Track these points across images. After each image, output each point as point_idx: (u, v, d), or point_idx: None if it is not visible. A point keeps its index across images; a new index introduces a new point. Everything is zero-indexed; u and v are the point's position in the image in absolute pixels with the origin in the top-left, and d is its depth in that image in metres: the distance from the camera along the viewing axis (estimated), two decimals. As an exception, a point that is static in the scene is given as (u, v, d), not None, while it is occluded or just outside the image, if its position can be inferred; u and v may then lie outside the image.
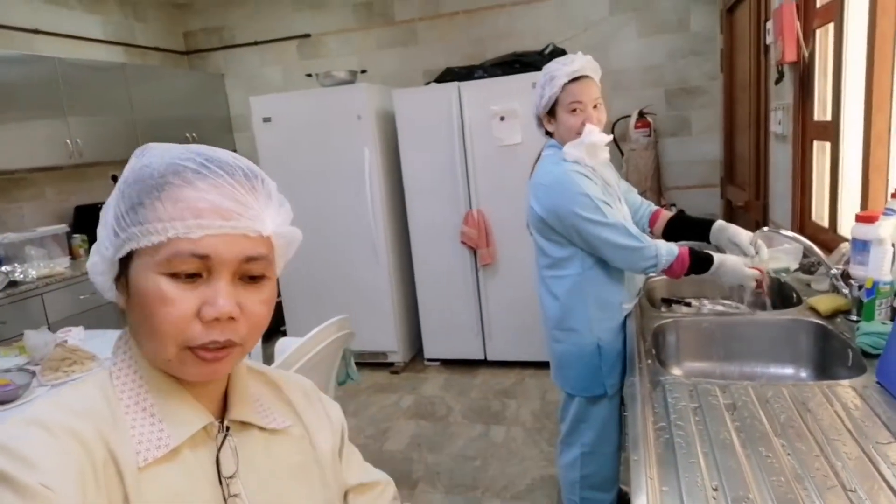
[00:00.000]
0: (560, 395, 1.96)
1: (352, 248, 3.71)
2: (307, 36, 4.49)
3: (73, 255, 3.52)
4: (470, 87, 3.39)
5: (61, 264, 3.25)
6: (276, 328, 3.72)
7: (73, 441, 0.55)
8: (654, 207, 2.03)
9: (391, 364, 3.82)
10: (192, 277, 0.58)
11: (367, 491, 0.82)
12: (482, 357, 3.72)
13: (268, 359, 1.76)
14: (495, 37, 4.11)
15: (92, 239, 3.38)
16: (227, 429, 0.66)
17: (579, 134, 1.67)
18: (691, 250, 1.68)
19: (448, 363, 3.82)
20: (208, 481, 0.63)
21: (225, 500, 0.63)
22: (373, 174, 3.56)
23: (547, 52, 3.55)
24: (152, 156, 0.61)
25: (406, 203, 3.66)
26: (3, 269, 2.87)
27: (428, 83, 3.66)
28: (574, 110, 1.67)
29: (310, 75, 3.92)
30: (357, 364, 2.34)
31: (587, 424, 1.86)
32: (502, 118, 3.34)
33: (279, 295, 3.89)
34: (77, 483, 0.53)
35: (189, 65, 4.83)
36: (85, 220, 3.71)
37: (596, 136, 1.66)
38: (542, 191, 1.72)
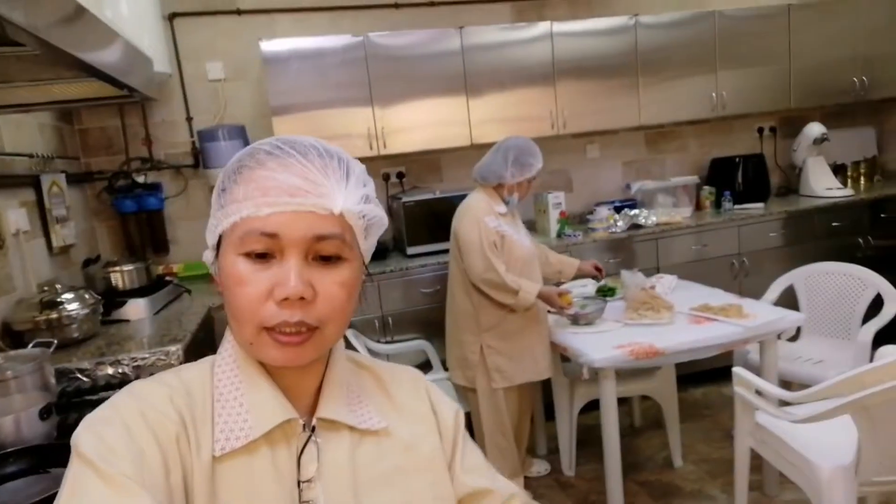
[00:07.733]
0: None
1: None
2: None
3: (698, 206, 3.69)
4: None
5: (683, 213, 3.47)
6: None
7: (158, 425, 0.57)
8: None
9: None
10: (266, 258, 0.58)
11: (481, 500, 0.72)
12: None
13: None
14: None
15: (719, 192, 3.48)
16: (314, 428, 0.64)
17: None
18: None
19: None
20: (283, 482, 0.60)
21: None
22: None
23: None
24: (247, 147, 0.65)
25: None
26: (632, 212, 3.30)
27: None
28: None
29: None
30: None
31: None
32: None
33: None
34: (156, 470, 0.55)
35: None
36: (718, 173, 3.79)
37: None
38: None
